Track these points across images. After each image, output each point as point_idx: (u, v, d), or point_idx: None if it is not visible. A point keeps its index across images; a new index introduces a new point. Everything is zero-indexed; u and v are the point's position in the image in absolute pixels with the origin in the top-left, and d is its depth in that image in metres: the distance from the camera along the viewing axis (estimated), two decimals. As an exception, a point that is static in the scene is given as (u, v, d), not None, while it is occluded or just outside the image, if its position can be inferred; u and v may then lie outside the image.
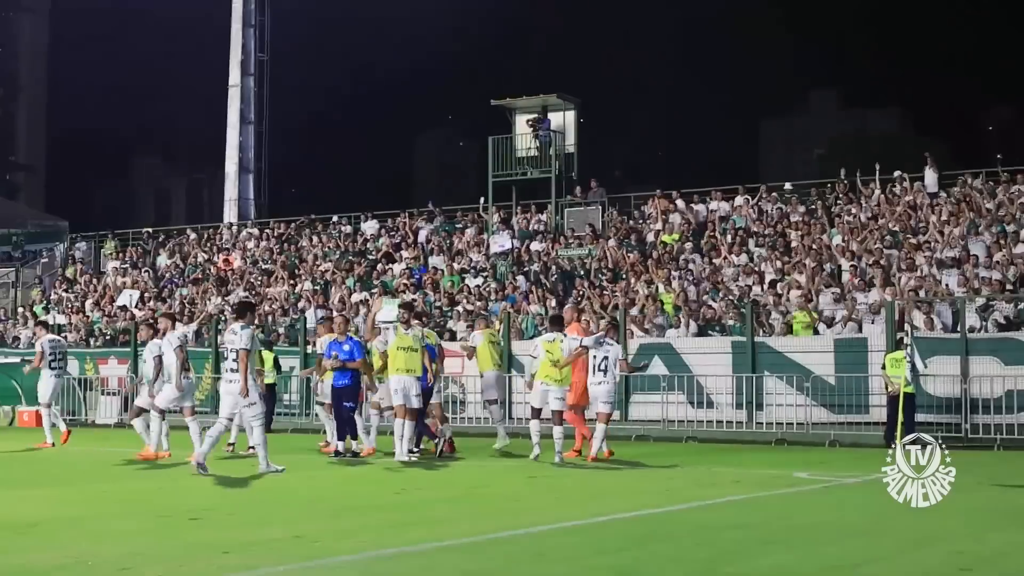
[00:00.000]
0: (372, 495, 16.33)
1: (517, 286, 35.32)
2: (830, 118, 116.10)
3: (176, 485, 17.97)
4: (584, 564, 10.23)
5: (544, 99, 41.49)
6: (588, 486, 17.88)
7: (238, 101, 53.78)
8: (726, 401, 28.07)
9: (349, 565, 10.17)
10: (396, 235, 43.14)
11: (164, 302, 41.86)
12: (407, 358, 21.15)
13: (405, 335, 21.37)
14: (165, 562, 10.10)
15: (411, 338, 21.31)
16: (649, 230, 37.45)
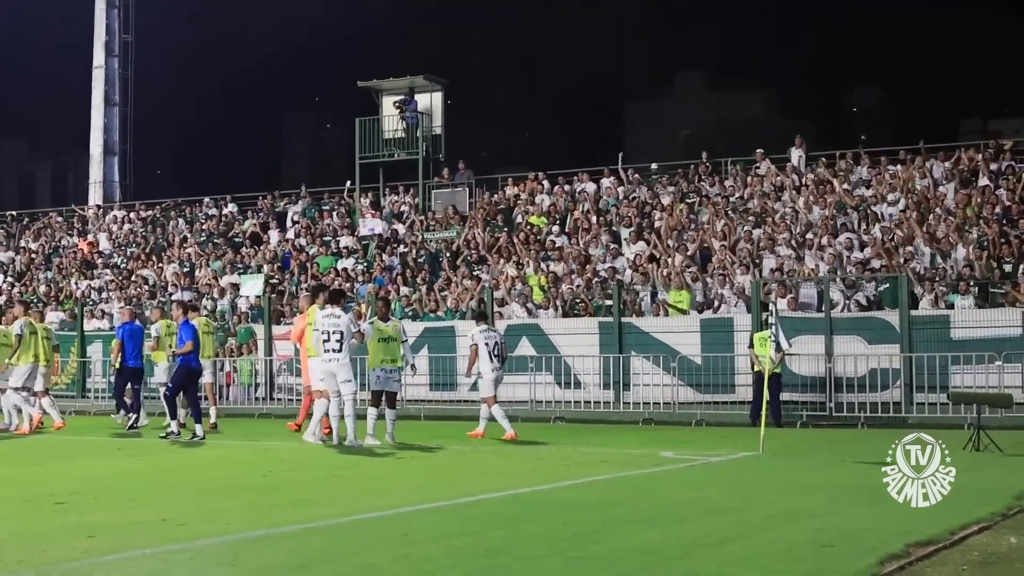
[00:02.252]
0: (238, 477, 16.26)
1: (386, 267, 35.28)
2: (697, 100, 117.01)
3: (42, 470, 17.78)
4: (451, 543, 10.29)
5: (411, 80, 41.45)
6: (455, 467, 17.97)
7: (102, 82, 52.96)
8: (593, 381, 28.31)
9: (216, 547, 10.16)
10: (262, 217, 42.82)
11: (27, 287, 41.26)
12: (387, 348, 21.30)
13: (385, 326, 21.37)
14: (29, 547, 10.02)
15: (391, 328, 21.51)
16: (517, 212, 37.56)
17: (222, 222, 43.25)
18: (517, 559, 9.60)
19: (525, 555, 9.78)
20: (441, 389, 29.62)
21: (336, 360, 20.31)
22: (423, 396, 29.47)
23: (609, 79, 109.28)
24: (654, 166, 39.14)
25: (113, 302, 37.33)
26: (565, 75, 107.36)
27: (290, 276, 36.28)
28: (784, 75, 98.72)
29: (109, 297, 38.30)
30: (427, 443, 21.38)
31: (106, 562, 9.40)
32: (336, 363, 20.34)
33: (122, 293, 37.90)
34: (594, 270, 31.93)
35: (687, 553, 9.95)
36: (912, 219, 30.24)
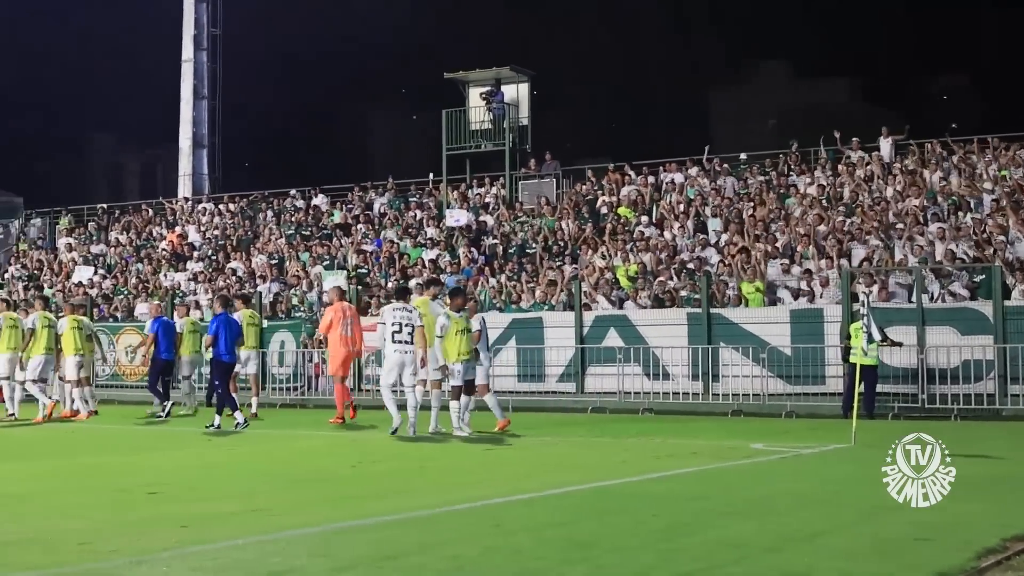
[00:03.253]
0: (327, 468, 16.33)
1: (472, 259, 35.31)
2: (781, 89, 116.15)
3: (133, 460, 17.95)
4: (541, 535, 10.26)
5: (497, 72, 41.44)
6: (544, 459, 17.93)
7: (191, 76, 53.47)
8: (682, 373, 28.14)
9: (307, 538, 10.18)
10: (350, 209, 43.00)
11: (118, 278, 41.68)
12: (465, 341, 21.10)
13: (459, 319, 21.38)
14: (123, 536, 10.09)
15: (463, 320, 21.37)
16: (603, 202, 37.45)
17: (310, 214, 43.47)
18: (607, 551, 9.54)
19: (615, 547, 9.72)
20: (529, 380, 29.60)
21: (409, 352, 20.73)
22: (511, 387, 29.45)
23: (694, 68, 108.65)
24: (742, 156, 38.89)
25: (202, 294, 37.62)
26: (650, 64, 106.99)
27: (378, 268, 36.38)
28: (869, 62, 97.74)
29: (198, 289, 38.60)
30: (515, 434, 21.31)
31: (198, 552, 9.45)
32: (409, 355, 20.75)
33: (211, 285, 38.20)
34: (682, 261, 31.77)
35: (780, 546, 9.85)
36: (1007, 208, 29.82)
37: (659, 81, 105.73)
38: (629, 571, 8.83)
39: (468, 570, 8.78)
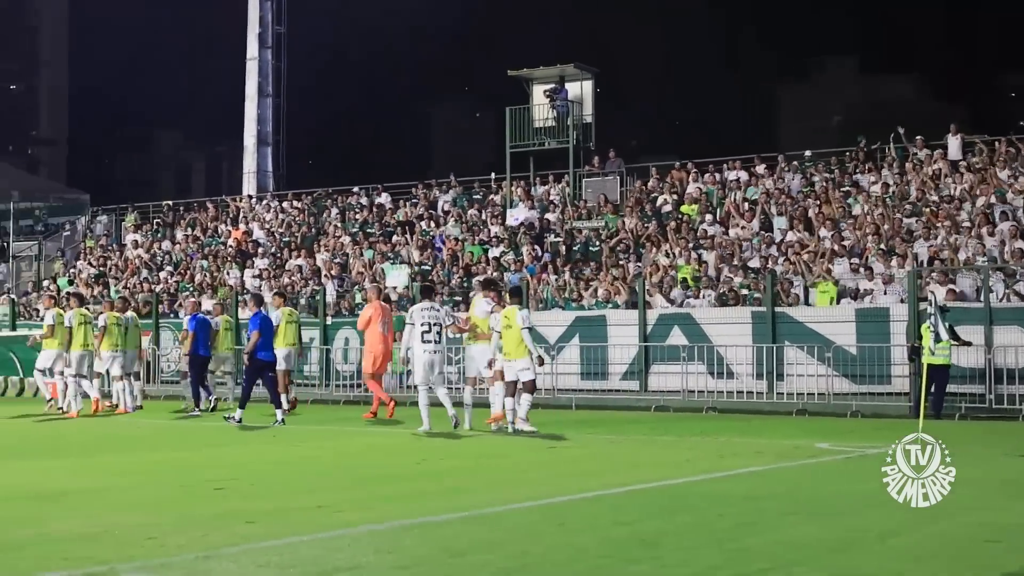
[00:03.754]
0: (394, 465, 16.37)
1: (536, 257, 35.31)
2: (848, 85, 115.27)
3: (199, 455, 18.08)
4: (606, 534, 10.24)
5: (561, 69, 41.41)
6: (608, 457, 17.90)
7: (256, 74, 53.76)
8: (746, 371, 28.04)
9: (373, 535, 10.21)
10: (414, 206, 43.11)
11: (184, 275, 41.97)
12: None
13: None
14: (190, 532, 10.15)
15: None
16: (667, 200, 37.36)
17: (373, 211, 43.61)
18: (673, 550, 9.52)
19: (681, 546, 9.70)
20: (592, 378, 29.58)
21: (438, 352, 20.99)
22: (574, 385, 29.47)
23: (760, 65, 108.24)
24: (807, 153, 38.65)
25: (266, 291, 37.83)
26: (713, 61, 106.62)
27: (441, 266, 36.45)
28: (936, 58, 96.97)
29: (262, 286, 38.80)
30: (578, 433, 21.30)
31: (265, 547, 9.49)
32: (438, 355, 21.01)
33: (275, 282, 38.39)
34: (746, 259, 31.64)
35: (847, 546, 9.79)
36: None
37: (724, 78, 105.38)
38: (694, 570, 8.80)
39: (533, 568, 8.77)
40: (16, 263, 52.00)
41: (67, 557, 8.99)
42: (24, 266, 51.90)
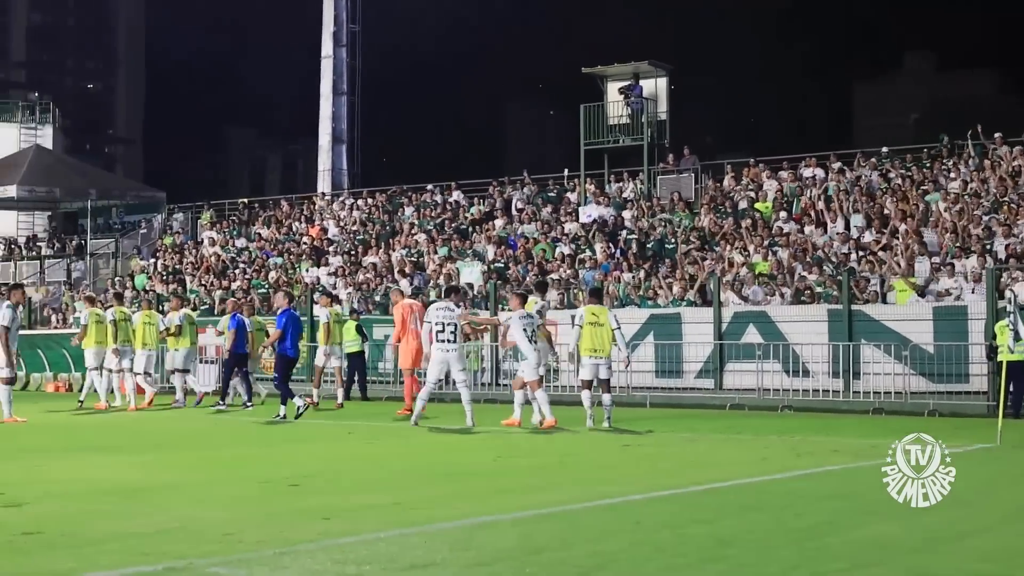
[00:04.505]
0: (468, 462, 16.39)
1: (610, 254, 35.25)
2: (926, 81, 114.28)
3: (275, 452, 18.19)
4: (683, 532, 10.21)
5: (636, 66, 41.33)
6: (683, 456, 17.85)
7: (331, 72, 54.01)
8: (822, 370, 27.85)
9: (449, 531, 10.22)
10: (487, 204, 43.16)
11: (259, 273, 42.23)
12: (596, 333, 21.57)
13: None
14: (268, 527, 10.21)
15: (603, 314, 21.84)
16: (742, 197, 37.19)
17: (448, 209, 43.69)
18: (749, 549, 9.47)
19: (758, 545, 9.64)
20: (667, 376, 29.50)
21: (452, 351, 21.33)
22: (648, 383, 29.40)
23: (836, 61, 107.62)
24: (884, 150, 38.35)
25: (341, 289, 37.99)
26: (790, 58, 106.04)
27: (515, 263, 36.46)
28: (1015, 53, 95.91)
29: (337, 284, 38.98)
30: (653, 431, 21.26)
31: (342, 544, 9.51)
32: (452, 353, 21.34)
33: (350, 280, 38.56)
34: (822, 257, 31.43)
35: (925, 546, 9.70)
36: None
37: (799, 75, 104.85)
38: (771, 570, 8.75)
39: (610, 566, 8.75)
40: (94, 261, 52.51)
41: (146, 552, 9.05)
42: (101, 263, 52.41)
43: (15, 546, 9.33)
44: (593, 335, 21.40)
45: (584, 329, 21.41)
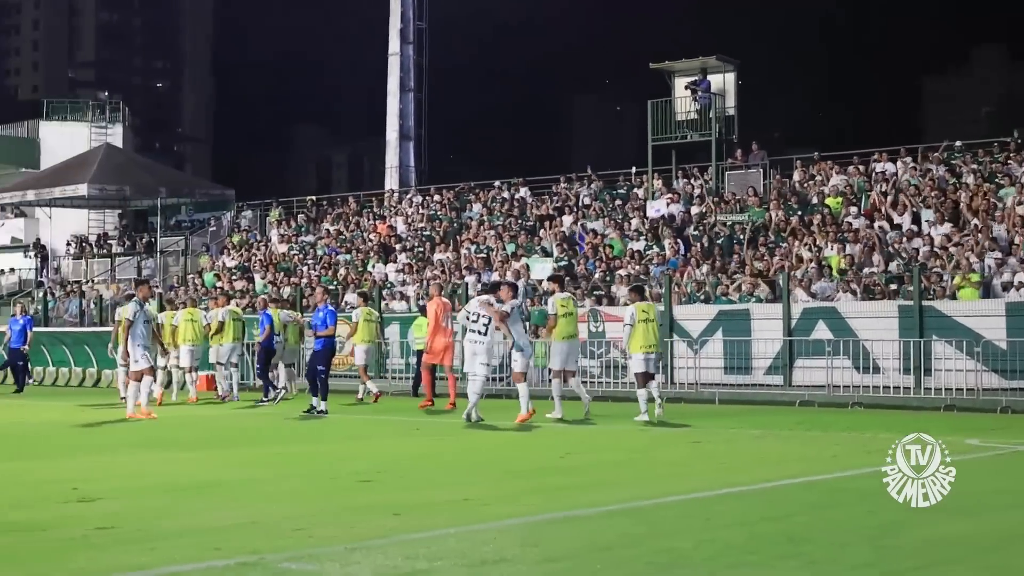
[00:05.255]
0: (537, 459, 16.39)
1: (678, 250, 35.13)
2: (998, 74, 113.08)
3: (344, 448, 18.25)
4: (753, 529, 10.17)
5: (703, 61, 41.09)
6: (753, 452, 17.75)
7: (398, 69, 54.13)
8: (893, 366, 27.60)
9: (519, 528, 10.23)
10: (554, 200, 43.12)
11: (327, 270, 42.39)
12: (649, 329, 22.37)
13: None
14: (338, 523, 10.26)
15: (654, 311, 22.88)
16: (811, 193, 36.94)
17: (515, 205, 43.69)
18: (821, 546, 9.42)
19: (830, 543, 9.60)
20: (736, 372, 29.37)
21: (481, 342, 21.56)
22: (717, 380, 29.29)
23: (905, 54, 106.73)
24: (958, 143, 37.97)
25: (409, 286, 38.08)
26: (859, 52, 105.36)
27: (584, 260, 36.42)
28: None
29: (405, 280, 39.08)
30: (722, 428, 21.18)
31: (412, 540, 9.55)
32: (481, 345, 21.57)
33: (418, 276, 38.64)
34: (892, 252, 31.18)
35: (1000, 545, 9.62)
36: None
37: (869, 68, 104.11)
38: (844, 567, 8.71)
39: (680, 563, 8.73)
40: (163, 258, 52.94)
41: (219, 547, 9.12)
42: (171, 261, 52.84)
43: (90, 541, 9.42)
44: (646, 332, 22.05)
45: (637, 327, 21.98)
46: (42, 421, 24.08)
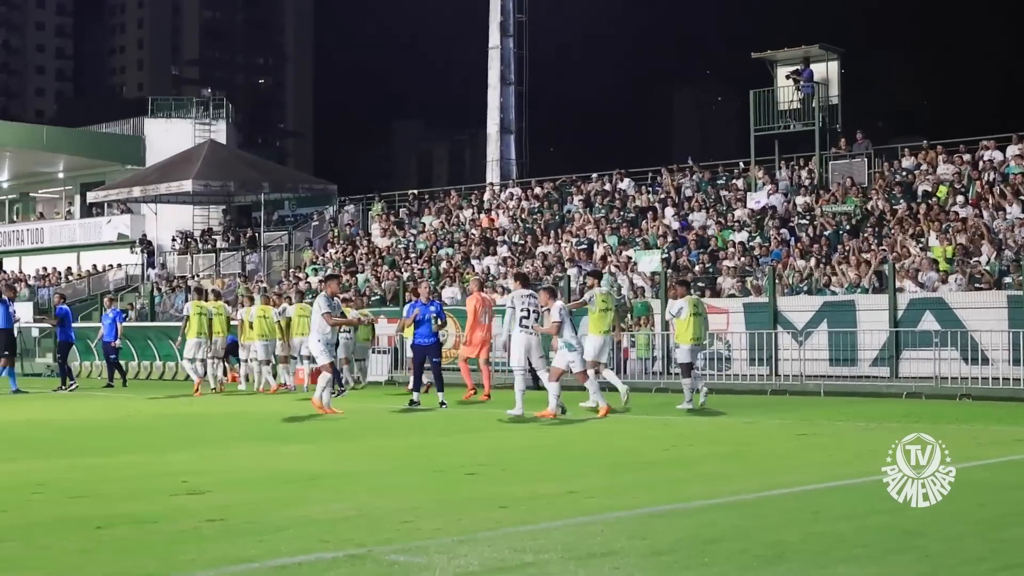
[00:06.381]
0: (642, 451, 16.31)
1: (782, 241, 34.86)
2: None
3: (449, 441, 18.28)
4: (863, 522, 10.04)
5: (806, 50, 40.79)
6: (860, 445, 17.55)
7: (498, 62, 54.17)
8: (1002, 357, 27.18)
9: (625, 521, 10.17)
10: (656, 191, 42.98)
11: (429, 263, 42.55)
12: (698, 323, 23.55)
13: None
14: (444, 516, 10.25)
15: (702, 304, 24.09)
16: (917, 182, 36.51)
17: (617, 197, 43.59)
18: (934, 540, 9.27)
19: (942, 536, 9.45)
20: (841, 364, 29.07)
21: (535, 336, 21.83)
22: (823, 372, 29.02)
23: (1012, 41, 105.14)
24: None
25: (510, 279, 38.10)
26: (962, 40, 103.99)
27: (687, 251, 36.25)
28: None
29: (507, 273, 39.11)
30: (829, 420, 20.98)
31: (519, 532, 9.53)
32: (535, 338, 21.85)
33: (519, 269, 38.62)
34: (1001, 242, 30.73)
35: (1118, 539, 9.43)
36: None
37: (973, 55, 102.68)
38: (957, 561, 8.58)
39: (789, 556, 8.63)
40: (267, 253, 53.46)
41: (326, 540, 9.15)
42: (275, 256, 53.35)
43: (200, 533, 9.50)
44: (695, 324, 23.13)
45: (689, 319, 23.04)
46: (153, 413, 24.37)
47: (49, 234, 64.99)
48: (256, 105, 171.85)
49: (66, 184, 67.95)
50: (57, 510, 10.84)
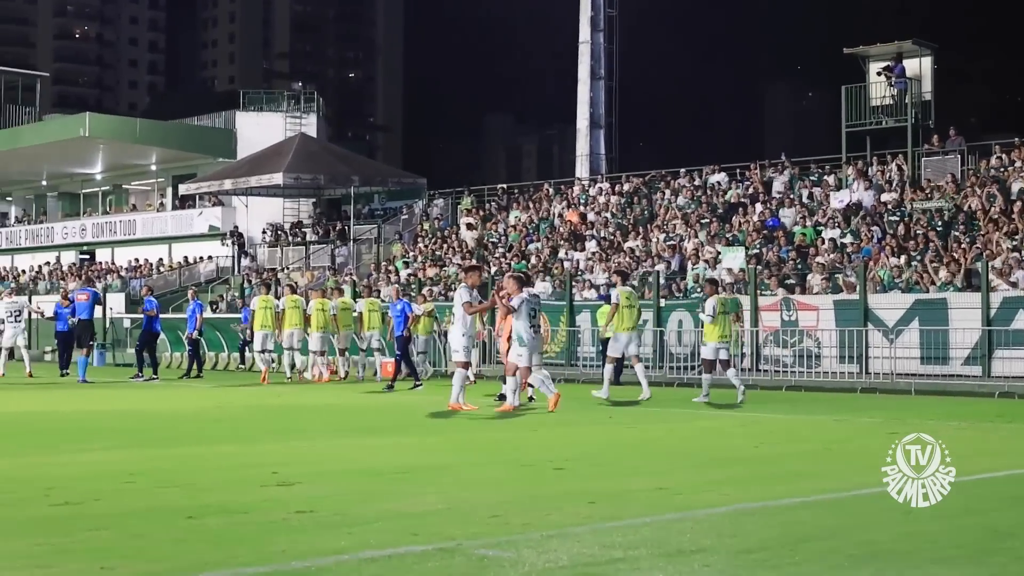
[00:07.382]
0: (731, 448, 16.23)
1: (872, 238, 34.56)
2: None
3: (536, 435, 18.29)
4: (956, 523, 9.95)
5: (899, 46, 40.45)
6: (953, 444, 17.26)
7: (588, 57, 54.12)
8: (1098, 357, 26.83)
9: (714, 518, 10.13)
10: (747, 187, 42.77)
11: (519, 257, 42.59)
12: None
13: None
14: (533, 510, 10.27)
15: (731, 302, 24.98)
16: (1013, 179, 36.05)
17: (707, 192, 43.42)
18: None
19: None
20: (932, 363, 28.78)
21: (537, 336, 22.08)
22: (913, 370, 28.75)
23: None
24: None
25: (599, 273, 38.08)
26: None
27: (776, 248, 36.03)
28: None
29: (595, 268, 39.08)
30: (920, 419, 20.78)
31: (607, 528, 9.51)
32: (537, 338, 22.05)
33: (607, 264, 38.61)
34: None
35: None
36: None
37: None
38: (1052, 564, 8.47)
39: (883, 556, 8.57)
40: (357, 246, 53.76)
41: (415, 533, 9.18)
42: (364, 249, 53.63)
43: (290, 524, 9.57)
44: (724, 323, 23.87)
45: (718, 319, 23.63)
46: (242, 404, 24.58)
47: (141, 226, 65.80)
48: (346, 98, 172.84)
49: (158, 176, 68.76)
50: (149, 500, 10.96)
